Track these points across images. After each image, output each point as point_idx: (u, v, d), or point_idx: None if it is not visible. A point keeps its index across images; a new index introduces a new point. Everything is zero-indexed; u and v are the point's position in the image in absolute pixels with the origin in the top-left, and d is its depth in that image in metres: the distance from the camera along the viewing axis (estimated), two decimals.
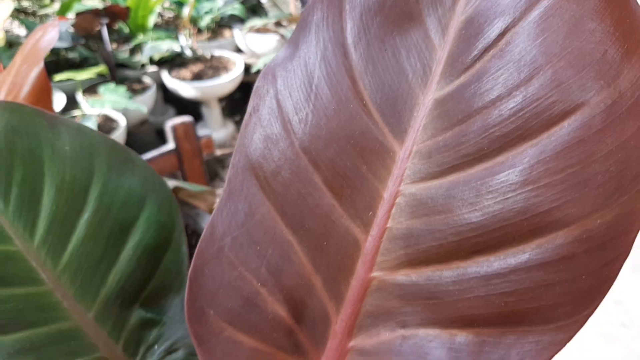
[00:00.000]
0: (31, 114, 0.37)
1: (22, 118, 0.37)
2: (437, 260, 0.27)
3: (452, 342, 0.26)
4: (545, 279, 0.23)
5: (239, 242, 0.31)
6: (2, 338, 0.32)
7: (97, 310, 0.35)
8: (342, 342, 0.30)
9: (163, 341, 0.37)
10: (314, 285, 0.30)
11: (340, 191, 0.30)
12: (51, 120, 0.38)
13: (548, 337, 0.23)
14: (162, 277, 0.38)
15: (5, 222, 0.34)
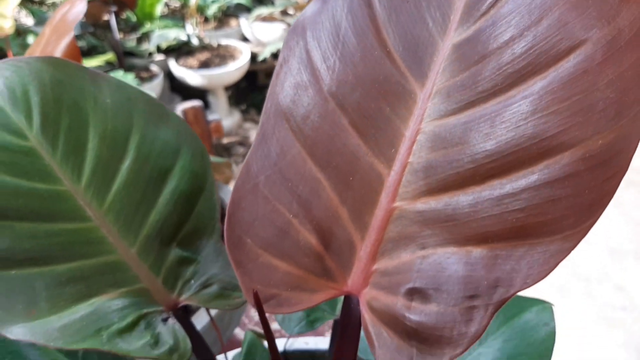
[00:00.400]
0: (75, 69, 0.40)
1: (66, 72, 0.40)
2: (454, 187, 0.30)
3: (468, 258, 0.29)
4: (552, 195, 0.26)
5: (272, 180, 0.34)
6: (55, 267, 0.36)
7: (139, 246, 0.38)
8: (367, 266, 0.33)
9: (198, 277, 0.40)
10: (341, 216, 0.33)
11: (365, 131, 0.33)
12: (93, 76, 0.41)
13: (555, 247, 0.27)
14: (196, 221, 0.41)
15: (55, 165, 0.37)
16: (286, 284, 0.33)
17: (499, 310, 0.27)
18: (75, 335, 0.33)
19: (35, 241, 0.35)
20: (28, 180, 0.36)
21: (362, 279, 0.33)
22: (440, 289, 0.29)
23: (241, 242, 0.34)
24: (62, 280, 0.35)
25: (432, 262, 0.30)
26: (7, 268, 0.35)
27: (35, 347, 0.42)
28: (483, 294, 0.28)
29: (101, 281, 0.36)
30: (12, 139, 0.37)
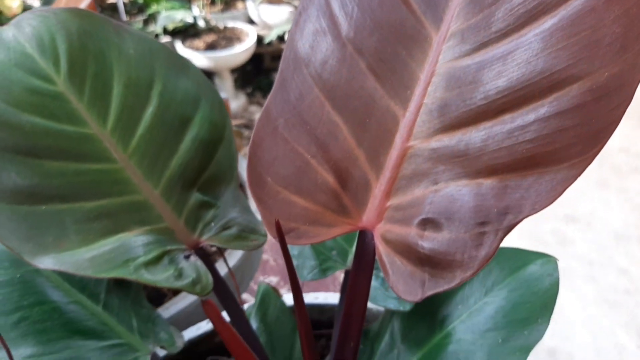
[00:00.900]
0: (100, 20, 0.42)
1: (92, 23, 0.41)
2: (466, 123, 0.31)
3: (479, 189, 0.30)
4: (561, 126, 0.28)
5: (291, 123, 0.36)
6: (83, 204, 0.37)
7: (162, 188, 0.40)
8: (381, 203, 0.35)
9: (218, 220, 0.41)
10: (357, 157, 0.35)
11: (382, 74, 0.34)
12: (116, 27, 0.42)
13: (562, 175, 0.28)
14: (215, 168, 0.43)
15: (82, 109, 0.39)
16: (305, 219, 0.35)
17: (507, 234, 0.29)
18: (104, 265, 0.35)
19: (64, 179, 0.37)
20: (57, 122, 0.38)
21: (376, 215, 0.35)
22: (452, 218, 0.31)
23: (262, 180, 0.36)
24: (90, 216, 0.37)
25: (444, 195, 0.32)
26: (38, 203, 0.36)
27: (58, 289, 0.44)
28: (493, 220, 0.29)
29: (127, 218, 0.38)
30: (41, 84, 0.38)
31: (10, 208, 0.36)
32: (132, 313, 0.47)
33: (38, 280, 0.44)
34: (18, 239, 0.35)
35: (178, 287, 0.36)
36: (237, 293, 0.49)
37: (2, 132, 0.36)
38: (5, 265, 0.44)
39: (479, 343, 0.44)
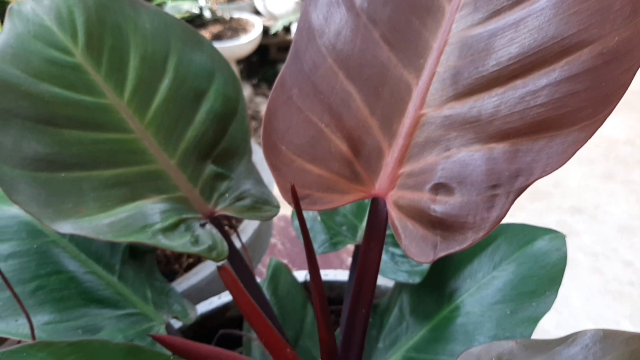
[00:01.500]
0: None
1: None
2: (479, 90, 0.32)
3: (491, 154, 0.31)
4: (572, 89, 0.29)
5: (305, 92, 0.37)
6: (101, 172, 0.38)
7: (178, 159, 0.41)
8: (394, 170, 0.35)
9: (232, 192, 0.42)
10: (370, 125, 0.36)
11: (395, 44, 0.35)
12: (133, 2, 0.43)
13: (572, 137, 0.29)
14: (229, 141, 0.43)
15: (99, 80, 0.40)
16: (318, 186, 0.36)
17: (519, 196, 0.30)
18: (122, 230, 0.36)
19: (82, 147, 0.38)
20: (75, 93, 0.39)
21: (388, 182, 0.35)
22: (464, 182, 0.31)
23: (276, 149, 0.36)
24: (108, 184, 0.38)
25: (456, 160, 0.32)
26: (57, 171, 0.37)
27: (75, 259, 0.45)
28: (504, 183, 0.30)
29: (144, 187, 0.39)
30: (60, 55, 0.39)
31: (30, 175, 0.36)
32: (147, 285, 0.48)
33: (54, 250, 0.45)
34: (38, 205, 0.36)
35: (195, 252, 0.37)
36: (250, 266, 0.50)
37: (23, 101, 0.37)
38: (22, 236, 0.45)
39: (487, 315, 0.45)
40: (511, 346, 0.27)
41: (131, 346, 0.34)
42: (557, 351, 0.25)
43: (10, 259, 0.43)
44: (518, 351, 0.26)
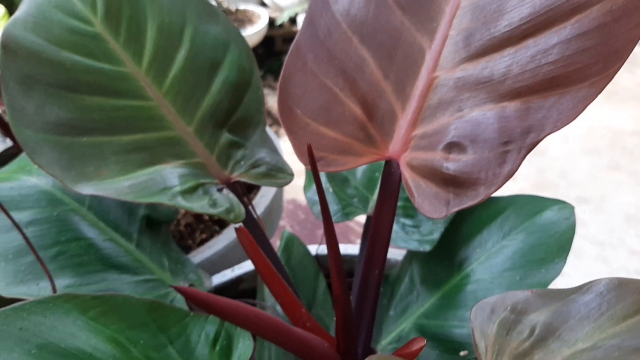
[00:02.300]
0: None
1: None
2: (491, 51, 0.33)
3: (503, 112, 0.32)
4: (582, 46, 0.29)
5: (320, 58, 0.38)
6: (122, 137, 0.39)
7: (195, 126, 0.42)
8: (407, 132, 0.36)
9: (247, 159, 0.43)
10: (384, 89, 0.37)
11: (409, 9, 0.36)
12: None
13: (582, 93, 0.30)
14: (244, 110, 0.44)
15: (118, 49, 0.41)
16: (333, 149, 0.37)
17: (530, 152, 0.31)
18: (143, 191, 0.37)
19: (103, 113, 0.39)
20: (95, 61, 0.40)
21: (402, 144, 0.36)
22: (476, 140, 0.32)
23: (292, 113, 0.37)
24: (128, 148, 0.39)
25: (468, 120, 0.33)
26: (79, 135, 0.38)
27: (94, 227, 0.46)
28: (516, 139, 0.31)
29: (163, 152, 0.40)
30: (80, 24, 0.40)
31: (53, 139, 0.38)
32: (163, 254, 0.49)
33: (74, 218, 0.46)
34: (61, 168, 0.37)
35: (213, 213, 0.38)
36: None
37: (45, 68, 0.38)
38: (42, 205, 0.46)
39: (497, 282, 0.46)
40: (526, 295, 0.27)
41: (152, 301, 0.35)
42: (572, 299, 0.26)
43: (31, 225, 0.44)
44: (533, 299, 0.27)
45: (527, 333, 0.25)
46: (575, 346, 0.23)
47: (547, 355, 0.24)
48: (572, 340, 0.24)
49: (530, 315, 0.26)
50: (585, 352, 0.23)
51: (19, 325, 0.29)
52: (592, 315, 0.24)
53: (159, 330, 0.34)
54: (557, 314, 0.25)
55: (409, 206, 0.52)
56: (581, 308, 0.25)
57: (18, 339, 0.28)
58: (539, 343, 0.25)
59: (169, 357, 0.33)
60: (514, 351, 0.25)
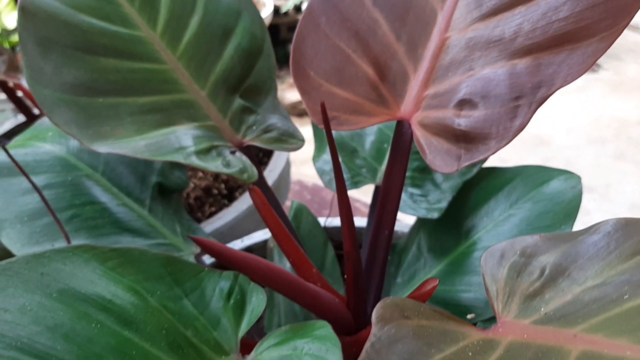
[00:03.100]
0: None
1: None
2: (502, 10, 0.33)
3: (514, 69, 0.33)
4: (592, 2, 0.30)
5: (333, 20, 0.38)
6: (137, 99, 0.40)
7: (209, 90, 0.43)
8: (419, 93, 0.37)
9: (259, 125, 0.44)
10: (396, 50, 0.37)
11: None
12: None
13: (592, 48, 0.30)
14: (256, 77, 0.45)
15: (134, 13, 0.41)
16: (345, 109, 0.37)
17: (541, 106, 0.31)
18: (158, 150, 0.38)
19: (118, 75, 0.40)
20: (111, 24, 0.40)
21: (413, 105, 0.37)
22: (488, 96, 0.33)
23: (305, 73, 0.38)
24: (144, 109, 0.40)
25: (480, 77, 0.34)
26: (95, 96, 0.39)
27: (107, 192, 0.47)
28: (527, 94, 0.32)
29: (177, 114, 0.41)
30: None
31: (71, 99, 0.38)
32: (175, 220, 0.50)
33: (88, 183, 0.47)
34: (78, 127, 0.38)
35: (227, 173, 0.39)
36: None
37: (63, 30, 0.39)
38: (57, 170, 0.47)
39: None
40: (535, 240, 0.28)
41: (168, 256, 0.36)
42: (580, 240, 0.27)
43: (46, 189, 0.45)
44: (542, 243, 0.28)
45: (537, 274, 0.26)
46: (585, 284, 0.24)
47: (558, 294, 0.25)
48: (582, 278, 0.24)
49: (540, 257, 0.27)
50: (595, 288, 0.23)
51: (40, 270, 0.29)
52: (601, 254, 0.25)
53: (174, 283, 0.35)
54: (566, 254, 0.26)
55: (416, 177, 0.53)
56: (590, 248, 0.25)
57: (39, 283, 0.29)
58: (550, 283, 0.25)
59: (184, 309, 0.34)
60: (525, 292, 0.26)
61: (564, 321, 0.23)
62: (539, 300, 0.25)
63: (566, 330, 0.22)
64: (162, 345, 0.30)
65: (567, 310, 0.23)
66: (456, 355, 0.24)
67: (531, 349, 0.22)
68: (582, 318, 0.22)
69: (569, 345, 0.21)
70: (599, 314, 0.22)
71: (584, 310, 0.23)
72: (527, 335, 0.23)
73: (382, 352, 0.24)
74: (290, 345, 0.33)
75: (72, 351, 0.26)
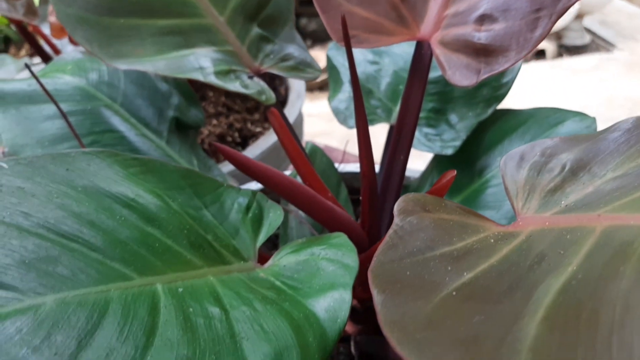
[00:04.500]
0: None
1: None
2: None
3: None
4: None
5: None
6: (157, 21, 0.40)
7: (227, 16, 0.43)
8: (439, 12, 0.37)
9: (276, 54, 0.44)
10: None
11: None
12: None
13: None
14: (274, 7, 0.45)
15: None
16: (365, 28, 0.37)
17: (561, 17, 0.31)
18: (179, 69, 0.38)
19: None
20: None
21: (433, 25, 0.37)
22: (508, 10, 0.33)
23: None
24: (164, 31, 0.40)
25: None
26: (117, 16, 0.39)
27: (126, 122, 0.48)
28: (548, 6, 0.32)
29: (197, 37, 0.41)
30: None
31: (93, 18, 0.39)
32: (192, 154, 0.50)
33: (107, 113, 0.47)
34: (99, 46, 0.38)
35: (245, 93, 0.39)
36: None
37: None
38: (77, 99, 0.47)
39: None
40: (555, 141, 0.28)
41: (188, 169, 0.36)
42: (600, 137, 0.27)
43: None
44: (562, 143, 0.28)
45: (558, 170, 0.26)
46: (606, 176, 0.24)
47: (579, 187, 0.25)
48: (603, 171, 0.25)
49: (561, 155, 0.27)
50: (616, 179, 0.24)
51: (65, 166, 0.30)
52: (622, 149, 0.25)
53: (194, 195, 0.35)
54: (586, 151, 0.26)
55: (431, 117, 0.53)
56: (610, 144, 0.26)
57: (64, 177, 0.29)
58: (570, 177, 0.26)
59: (205, 217, 0.34)
60: (546, 187, 0.26)
61: (585, 209, 0.23)
62: (560, 195, 0.25)
63: (589, 214, 0.22)
64: (183, 243, 0.31)
65: (588, 199, 0.24)
66: (478, 242, 0.24)
67: (554, 232, 0.23)
68: (604, 203, 0.22)
69: (593, 224, 0.21)
70: (621, 199, 0.22)
71: (605, 198, 0.23)
72: (548, 223, 0.24)
73: (405, 238, 0.24)
74: (308, 251, 0.33)
75: (98, 236, 0.27)
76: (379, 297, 0.19)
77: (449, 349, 0.15)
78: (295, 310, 0.28)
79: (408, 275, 0.21)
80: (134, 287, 0.25)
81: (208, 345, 0.24)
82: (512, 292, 0.18)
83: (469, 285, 0.20)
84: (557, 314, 0.15)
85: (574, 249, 0.19)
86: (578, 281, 0.16)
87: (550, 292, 0.16)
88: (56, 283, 0.23)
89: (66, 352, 0.20)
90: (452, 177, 0.31)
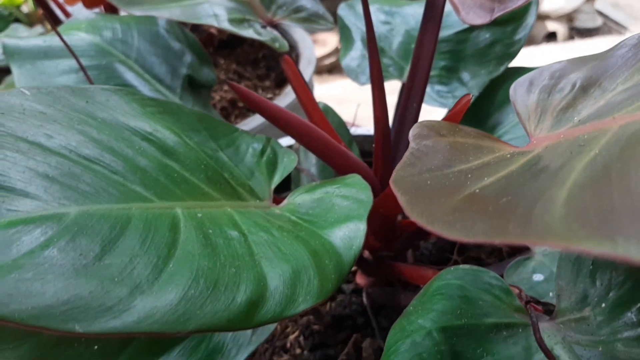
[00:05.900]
0: None
1: None
2: None
3: None
4: None
5: None
6: None
7: None
8: None
9: (289, 5, 0.44)
10: None
11: None
12: None
13: None
14: None
15: None
16: None
17: None
18: (194, 15, 0.39)
19: None
20: None
21: None
22: None
23: None
24: None
25: None
26: None
27: (140, 77, 0.48)
28: None
29: None
30: None
31: None
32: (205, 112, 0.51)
33: (121, 68, 0.48)
34: None
35: (259, 39, 0.39)
36: None
37: None
38: (91, 54, 0.48)
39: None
40: (563, 64, 0.28)
41: (203, 113, 0.37)
42: (608, 55, 0.27)
43: (82, 71, 0.46)
44: (570, 65, 0.28)
45: (569, 89, 0.26)
46: (616, 89, 0.25)
47: (590, 102, 0.25)
48: (613, 85, 0.25)
49: (570, 75, 0.27)
50: (627, 90, 0.24)
51: (84, 99, 0.30)
52: (630, 63, 0.25)
53: (210, 137, 0.36)
54: (595, 68, 0.26)
55: (443, 75, 0.53)
56: (618, 60, 0.26)
57: (84, 108, 0.30)
58: (581, 94, 0.26)
59: (221, 159, 0.35)
60: (557, 107, 0.26)
61: (599, 118, 0.23)
62: (572, 112, 0.26)
63: (603, 120, 0.23)
64: (201, 177, 0.31)
65: (601, 111, 0.24)
66: (495, 159, 0.25)
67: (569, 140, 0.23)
68: (617, 110, 0.23)
69: (609, 125, 0.21)
70: (634, 103, 0.22)
71: (618, 106, 0.23)
72: (563, 136, 0.24)
73: (422, 158, 0.25)
74: (322, 190, 0.34)
75: (118, 161, 0.27)
76: (403, 198, 0.20)
77: (479, 220, 0.16)
78: (311, 239, 0.28)
79: (429, 184, 0.22)
80: (154, 208, 0.26)
81: (228, 260, 0.24)
82: (536, 176, 0.18)
83: (492, 185, 0.20)
84: (586, 177, 0.15)
85: (594, 141, 0.19)
86: (602, 156, 0.16)
87: (576, 169, 0.16)
88: (79, 197, 0.23)
89: (91, 254, 0.21)
90: (467, 101, 0.31)
